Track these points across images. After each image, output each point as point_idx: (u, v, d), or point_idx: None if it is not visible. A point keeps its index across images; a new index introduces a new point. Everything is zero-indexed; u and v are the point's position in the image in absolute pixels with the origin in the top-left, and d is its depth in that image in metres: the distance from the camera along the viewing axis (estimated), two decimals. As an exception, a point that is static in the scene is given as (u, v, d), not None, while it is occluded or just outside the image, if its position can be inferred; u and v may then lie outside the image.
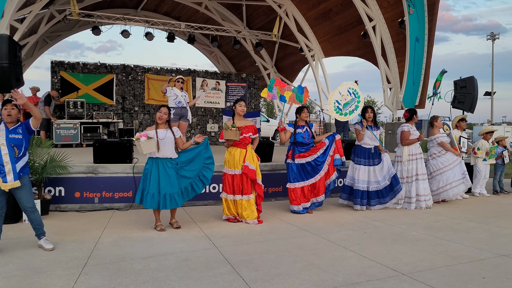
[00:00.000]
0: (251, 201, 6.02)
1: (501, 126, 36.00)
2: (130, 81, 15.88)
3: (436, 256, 4.41)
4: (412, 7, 11.72)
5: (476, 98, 10.53)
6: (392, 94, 13.56)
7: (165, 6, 19.59)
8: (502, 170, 9.35)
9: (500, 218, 6.48)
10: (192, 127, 16.82)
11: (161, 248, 4.68)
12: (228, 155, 6.13)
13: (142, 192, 5.44)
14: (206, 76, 17.18)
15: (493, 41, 42.15)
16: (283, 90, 7.10)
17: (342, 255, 4.43)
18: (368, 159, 7.12)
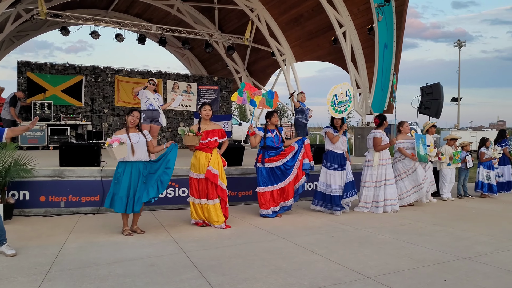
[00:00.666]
0: (216, 205, 6.00)
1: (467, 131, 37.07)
2: (100, 83, 15.62)
3: (400, 259, 4.50)
4: (381, 14, 11.95)
5: (441, 104, 10.83)
6: (361, 99, 13.78)
7: (136, 8, 19.38)
8: (466, 175, 9.63)
9: (463, 222, 6.67)
10: (163, 130, 16.67)
11: (128, 253, 4.63)
12: (194, 159, 6.10)
13: (113, 196, 5.36)
14: (178, 79, 17.06)
15: (459, 48, 43.36)
16: (253, 95, 7.14)
17: (309, 259, 4.48)
18: (340, 164, 7.20)
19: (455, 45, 43.57)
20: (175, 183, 7.39)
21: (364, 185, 7.52)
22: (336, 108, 7.27)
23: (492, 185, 9.60)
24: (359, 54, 13.51)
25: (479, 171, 9.72)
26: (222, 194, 6.05)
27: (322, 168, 7.34)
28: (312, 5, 14.42)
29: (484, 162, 9.72)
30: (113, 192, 5.38)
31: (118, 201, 5.32)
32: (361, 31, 13.29)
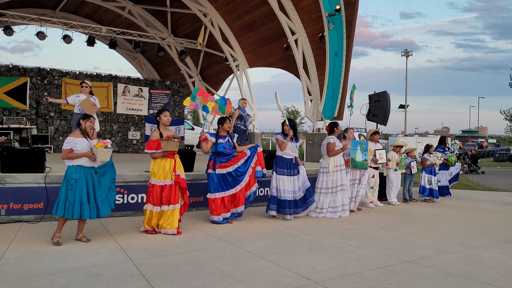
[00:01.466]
0: (176, 210, 5.97)
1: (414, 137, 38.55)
2: (46, 85, 15.06)
3: (347, 264, 4.61)
4: (332, 23, 12.24)
5: (388, 111, 11.22)
6: (312, 106, 14.04)
7: (86, 9, 18.86)
8: (411, 180, 10.00)
9: (407, 225, 6.92)
10: (113, 134, 16.28)
11: (72, 263, 4.47)
12: (158, 166, 5.99)
13: (66, 204, 5.14)
14: (129, 82, 16.71)
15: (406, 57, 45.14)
16: (206, 101, 7.11)
17: (258, 265, 4.50)
18: (289, 169, 7.29)
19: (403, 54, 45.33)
20: (124, 189, 7.23)
21: (321, 191, 7.65)
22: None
23: (433, 190, 10.02)
24: (311, 61, 13.77)
25: (422, 177, 10.13)
26: (187, 197, 6.15)
27: (273, 173, 7.42)
28: (265, 12, 14.57)
29: (426, 167, 10.13)
30: (66, 200, 5.16)
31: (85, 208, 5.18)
32: (312, 39, 13.56)
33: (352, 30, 12.81)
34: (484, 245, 5.56)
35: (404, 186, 9.97)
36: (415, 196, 10.18)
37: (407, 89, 44.23)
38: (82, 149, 5.24)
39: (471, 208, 9.12)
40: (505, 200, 10.51)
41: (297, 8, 13.39)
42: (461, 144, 11.83)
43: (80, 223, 5.44)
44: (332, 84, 12.96)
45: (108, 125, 16.28)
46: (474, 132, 71.78)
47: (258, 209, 8.03)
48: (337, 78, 13.02)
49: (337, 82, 13.05)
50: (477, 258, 4.90)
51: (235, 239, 5.66)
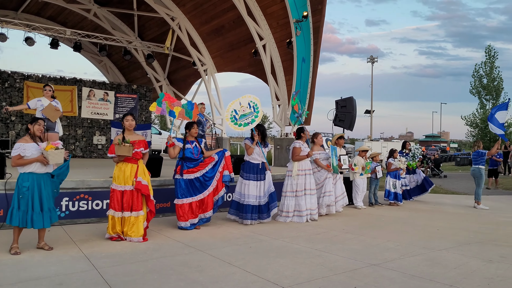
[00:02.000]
0: (139, 217, 5.84)
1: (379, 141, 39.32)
2: (7, 88, 14.60)
3: (314, 268, 4.64)
4: (299, 29, 12.37)
5: (354, 117, 11.40)
6: (280, 111, 14.13)
7: (49, 10, 18.40)
8: (376, 184, 10.18)
9: (373, 229, 7.03)
10: (77, 139, 15.91)
11: (34, 272, 4.33)
12: (118, 170, 5.88)
13: (19, 213, 4.95)
14: (94, 86, 16.37)
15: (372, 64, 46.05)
16: (172, 105, 7.04)
17: (226, 271, 4.47)
18: (256, 174, 7.30)
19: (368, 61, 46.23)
20: (88, 195, 7.06)
21: (286, 194, 7.68)
22: (238, 122, 7.33)
23: (398, 194, 10.22)
24: (279, 67, 13.87)
25: (387, 181, 10.32)
26: (151, 205, 5.98)
27: (239, 178, 7.41)
28: (233, 17, 14.59)
29: (391, 171, 10.34)
30: (18, 208, 4.98)
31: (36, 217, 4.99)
32: (280, 44, 13.66)
33: (319, 36, 12.98)
34: (447, 248, 5.70)
35: (369, 190, 10.14)
36: (380, 200, 10.36)
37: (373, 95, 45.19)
38: (31, 155, 5.03)
39: (434, 211, 9.36)
40: (466, 203, 10.83)
41: (265, 14, 13.48)
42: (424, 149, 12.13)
43: (40, 231, 5.26)
44: (300, 89, 13.07)
45: (72, 130, 15.89)
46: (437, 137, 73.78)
47: (226, 215, 8.00)
48: (304, 84, 13.15)
49: (304, 87, 13.18)
50: (440, 261, 5.03)
51: (203, 245, 5.62)
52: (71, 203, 6.88)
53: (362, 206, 9.52)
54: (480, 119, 28.27)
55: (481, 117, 28.25)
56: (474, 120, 28.76)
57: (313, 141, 8.40)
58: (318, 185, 8.19)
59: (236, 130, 7.43)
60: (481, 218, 8.47)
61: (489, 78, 28.65)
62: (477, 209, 9.78)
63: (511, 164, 21.60)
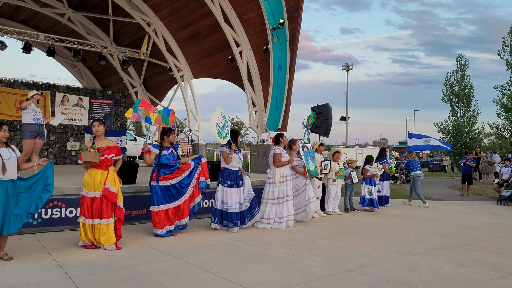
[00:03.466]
0: (110, 225, 5.74)
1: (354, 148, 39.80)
2: (-23, 93, 14.21)
3: (292, 274, 4.65)
4: (276, 36, 12.46)
5: (330, 123, 11.49)
6: (257, 117, 14.16)
7: (22, 14, 18.05)
8: (352, 190, 10.29)
9: (349, 235, 7.10)
10: (50, 145, 15.59)
11: (4, 282, 4.21)
12: (88, 177, 5.80)
13: None
14: (68, 92, 16.09)
15: (347, 71, 46.61)
16: (149, 112, 7.00)
17: (203, 278, 4.44)
18: (236, 181, 7.29)
19: (343, 68, 46.79)
20: (62, 202, 6.92)
21: (267, 201, 7.68)
22: (222, 135, 7.33)
23: (373, 200, 10.35)
24: (255, 73, 13.92)
25: (362, 187, 10.44)
26: (120, 213, 5.86)
27: (219, 185, 7.36)
28: (210, 24, 14.60)
29: (367, 178, 10.47)
30: None
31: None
32: (257, 51, 13.72)
33: (296, 43, 13.09)
34: (420, 252, 5.80)
35: (345, 196, 10.24)
36: (356, 205, 10.47)
37: (348, 102, 45.74)
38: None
39: (408, 217, 9.51)
40: (439, 208, 11.05)
41: (241, 21, 13.53)
42: (398, 155, 12.34)
43: (1, 240, 5.09)
44: (276, 96, 13.16)
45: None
46: (410, 143, 75.04)
47: (203, 221, 7.96)
48: (281, 90, 13.24)
49: (281, 94, 13.26)
50: (414, 265, 5.11)
51: (179, 252, 5.57)
52: (44, 210, 6.73)
53: (337, 212, 9.59)
54: (452, 126, 28.88)
55: (452, 124, 28.87)
56: (446, 127, 29.35)
57: (291, 148, 8.41)
58: (298, 191, 8.22)
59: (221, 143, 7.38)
60: (453, 223, 8.64)
61: (460, 86, 29.34)
62: (450, 215, 9.98)
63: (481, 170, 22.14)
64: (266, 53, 13.05)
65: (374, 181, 10.51)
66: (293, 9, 12.63)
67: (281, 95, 13.31)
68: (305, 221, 8.26)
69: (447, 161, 36.16)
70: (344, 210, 10.06)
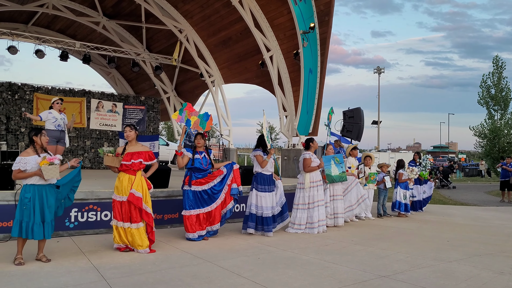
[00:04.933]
0: (140, 229, 5.82)
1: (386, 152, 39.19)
2: (17, 100, 14.76)
3: (323, 280, 4.61)
4: (306, 41, 12.44)
5: (362, 127, 11.39)
6: (287, 122, 14.14)
7: (59, 23, 18.65)
8: (385, 195, 10.12)
9: (382, 240, 6.98)
10: (85, 150, 16.02)
11: (43, 283, 4.34)
12: (117, 181, 5.92)
13: (21, 223, 4.99)
14: (102, 98, 16.53)
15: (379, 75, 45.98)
16: (190, 115, 7.14)
17: (235, 282, 4.46)
18: (269, 185, 7.28)
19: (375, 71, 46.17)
20: (97, 206, 7.08)
21: (298, 207, 7.64)
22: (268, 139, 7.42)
23: (407, 205, 10.15)
24: (286, 78, 13.91)
25: (397, 192, 10.22)
26: (147, 218, 5.89)
27: (252, 190, 7.35)
28: (241, 29, 14.70)
29: (402, 182, 10.27)
30: (21, 219, 5.00)
31: (36, 228, 4.99)
32: (287, 55, 13.72)
33: (326, 47, 13.03)
34: (457, 259, 5.65)
35: (378, 201, 10.08)
36: (388, 211, 10.29)
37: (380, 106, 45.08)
38: (31, 168, 5.06)
39: (443, 223, 9.28)
40: (475, 215, 10.75)
41: (272, 26, 13.57)
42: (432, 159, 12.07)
43: (40, 243, 5.25)
44: (307, 100, 13.11)
45: (81, 141, 16.01)
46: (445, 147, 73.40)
47: (234, 226, 7.98)
48: (311, 95, 13.19)
49: (311, 98, 13.21)
50: (450, 272, 4.98)
51: (211, 256, 5.60)
52: (80, 214, 6.91)
53: (369, 217, 9.45)
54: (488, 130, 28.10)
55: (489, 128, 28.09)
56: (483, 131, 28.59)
57: (323, 153, 8.37)
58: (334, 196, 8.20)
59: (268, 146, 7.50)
60: (491, 230, 8.39)
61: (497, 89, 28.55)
62: (487, 221, 9.69)
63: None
64: (296, 58, 13.04)
65: (408, 185, 10.31)
66: (323, 13, 12.58)
67: (312, 100, 13.25)
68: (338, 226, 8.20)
69: (483, 166, 35.16)
70: (377, 215, 9.90)
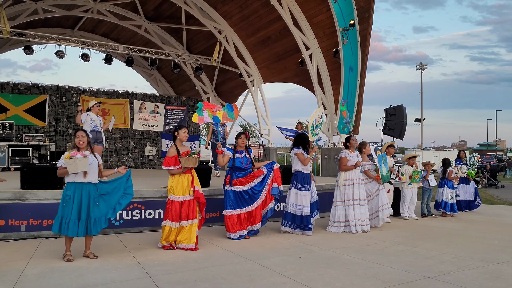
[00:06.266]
0: (194, 225, 6.00)
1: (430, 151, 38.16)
2: (64, 103, 15.34)
3: (366, 280, 4.55)
4: (346, 38, 12.27)
5: (405, 125, 11.14)
6: (328, 120, 14.01)
7: (103, 28, 19.23)
8: (430, 194, 9.86)
9: (426, 241, 6.81)
10: (129, 150, 16.45)
11: (91, 279, 4.50)
12: (176, 182, 6.03)
13: (61, 220, 5.19)
14: (145, 99, 16.94)
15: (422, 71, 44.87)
16: (214, 111, 7.15)
17: (276, 281, 4.47)
18: (308, 184, 7.26)
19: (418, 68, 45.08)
20: (141, 205, 7.27)
21: (336, 204, 7.60)
22: (313, 132, 7.38)
23: (453, 204, 9.84)
24: (325, 76, 13.79)
25: (443, 191, 9.89)
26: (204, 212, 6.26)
27: (292, 189, 7.35)
28: (279, 28, 14.68)
29: (449, 181, 9.96)
30: (62, 216, 5.20)
31: (71, 225, 5.16)
32: (327, 53, 13.60)
33: (367, 44, 12.81)
34: (507, 261, 5.44)
35: (422, 200, 9.83)
36: (432, 210, 10.02)
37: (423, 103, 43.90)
38: None
39: (491, 223, 8.96)
40: (526, 215, 10.30)
41: (311, 24, 13.48)
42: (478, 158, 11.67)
43: (86, 240, 5.45)
44: (347, 98, 12.94)
45: (125, 142, 16.46)
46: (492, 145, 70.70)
47: (275, 225, 7.99)
48: (352, 92, 13.01)
49: (352, 96, 13.03)
50: (499, 274, 4.80)
51: (252, 255, 5.64)
52: (125, 212, 7.11)
53: (413, 217, 9.24)
54: (539, 126, 26.84)
55: (540, 124, 26.82)
56: (533, 127, 27.35)
57: (361, 151, 8.21)
58: (370, 196, 8.02)
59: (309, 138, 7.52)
60: (543, 230, 8.02)
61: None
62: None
63: None
64: (336, 55, 12.89)
65: (453, 185, 10.00)
66: (363, 10, 12.38)
67: (352, 98, 13.07)
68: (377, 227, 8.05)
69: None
70: (421, 215, 9.67)
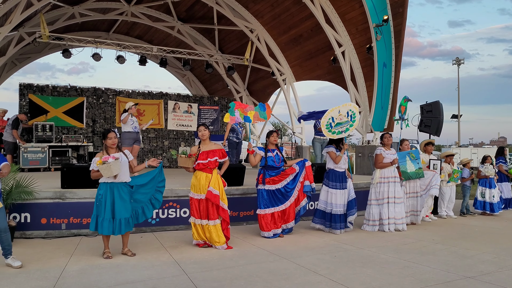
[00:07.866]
0: (217, 226, 5.98)
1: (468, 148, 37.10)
2: (101, 104, 15.74)
3: (404, 279, 4.47)
4: (380, 34, 12.08)
5: (441, 122, 10.88)
6: (361, 118, 13.82)
7: (137, 30, 19.61)
8: (469, 192, 9.59)
9: (465, 240, 6.64)
10: (164, 150, 16.73)
11: (129, 276, 4.60)
12: (195, 179, 6.11)
13: (97, 219, 5.34)
14: (178, 99, 17.20)
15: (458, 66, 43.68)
16: (245, 111, 7.17)
17: (312, 280, 4.45)
18: (341, 183, 7.19)
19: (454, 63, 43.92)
20: (176, 203, 7.39)
21: (371, 202, 7.51)
22: (332, 130, 7.24)
23: (492, 204, 9.48)
24: (359, 73, 13.62)
25: (482, 190, 9.61)
26: (224, 215, 6.04)
27: (323, 186, 7.32)
28: (311, 26, 14.60)
29: (481, 179, 9.68)
30: (97, 215, 5.35)
31: (105, 224, 5.30)
32: (360, 50, 13.42)
33: (401, 40, 12.57)
34: (551, 261, 5.24)
35: (463, 199, 9.57)
36: (472, 209, 9.75)
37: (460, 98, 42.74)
38: None
39: (534, 222, 8.63)
40: None
41: (343, 20, 13.33)
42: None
43: (123, 238, 5.57)
44: (381, 95, 12.75)
45: (159, 141, 16.75)
46: (534, 141, 68.04)
47: (308, 223, 7.95)
48: (386, 89, 12.80)
49: (386, 93, 12.82)
50: (544, 275, 4.63)
51: (287, 253, 5.64)
52: (161, 211, 7.24)
53: (451, 216, 9.02)
54: None
55: None
56: None
57: (399, 148, 8.12)
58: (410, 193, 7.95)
59: (328, 137, 7.38)
60: None
61: None
62: None
63: None
64: (369, 52, 12.71)
65: (491, 183, 9.60)
66: (397, 5, 12.15)
67: (387, 94, 12.86)
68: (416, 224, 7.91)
69: None
70: (460, 213, 9.42)
